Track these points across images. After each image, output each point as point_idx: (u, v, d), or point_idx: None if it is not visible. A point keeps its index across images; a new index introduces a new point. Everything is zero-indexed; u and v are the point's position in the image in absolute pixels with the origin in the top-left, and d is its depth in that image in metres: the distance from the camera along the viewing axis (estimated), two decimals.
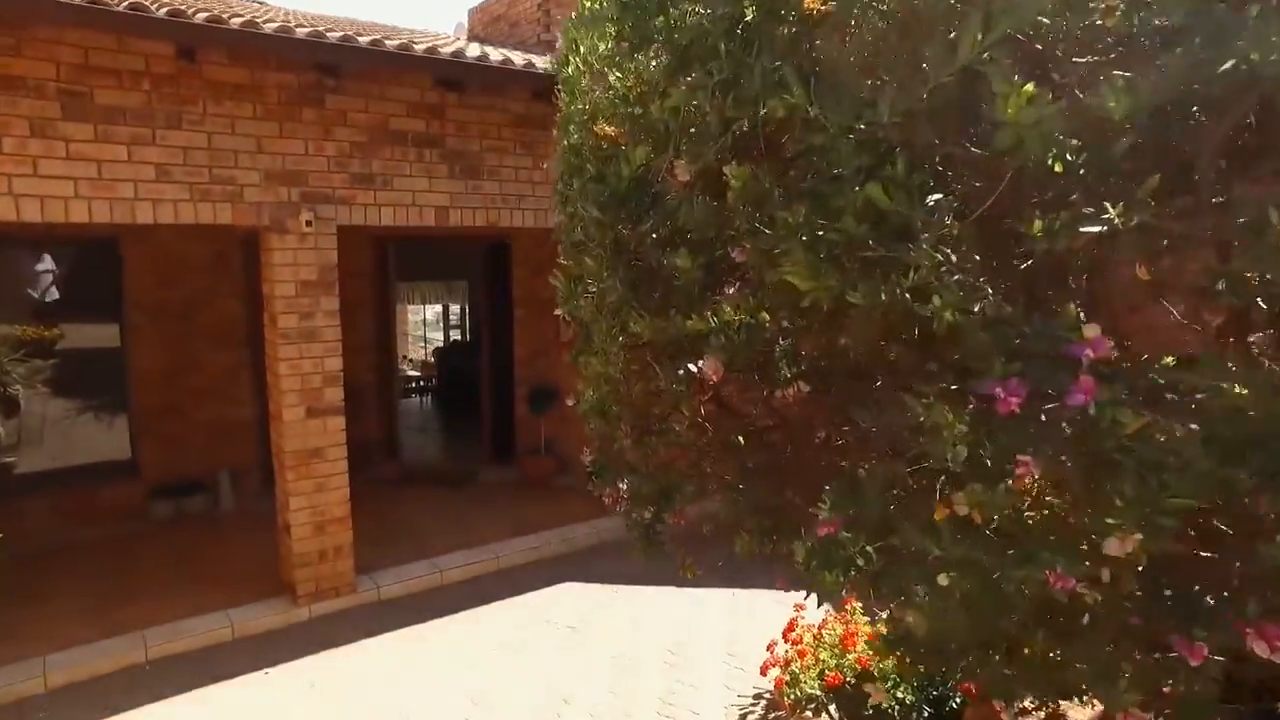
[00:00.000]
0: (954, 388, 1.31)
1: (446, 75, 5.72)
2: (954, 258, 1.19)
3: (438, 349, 14.79)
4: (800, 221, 1.25)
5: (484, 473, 8.89)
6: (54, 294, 7.79)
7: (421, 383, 14.77)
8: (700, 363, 1.51)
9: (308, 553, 5.59)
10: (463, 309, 21.85)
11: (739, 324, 1.48)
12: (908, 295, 1.20)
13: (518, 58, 6.30)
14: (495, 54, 6.23)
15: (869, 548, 1.32)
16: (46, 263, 7.75)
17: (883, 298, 1.22)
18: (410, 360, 17.99)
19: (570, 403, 2.62)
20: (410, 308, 24.03)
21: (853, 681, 3.70)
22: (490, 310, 8.91)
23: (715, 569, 2.76)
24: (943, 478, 1.29)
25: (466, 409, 12.08)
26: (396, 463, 9.10)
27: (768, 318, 1.50)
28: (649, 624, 5.42)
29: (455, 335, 18.99)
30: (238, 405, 7.90)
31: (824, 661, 3.80)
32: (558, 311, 2.51)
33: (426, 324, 24.37)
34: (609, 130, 1.68)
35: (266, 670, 4.92)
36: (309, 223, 5.34)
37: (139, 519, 7.34)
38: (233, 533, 7.08)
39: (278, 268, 5.34)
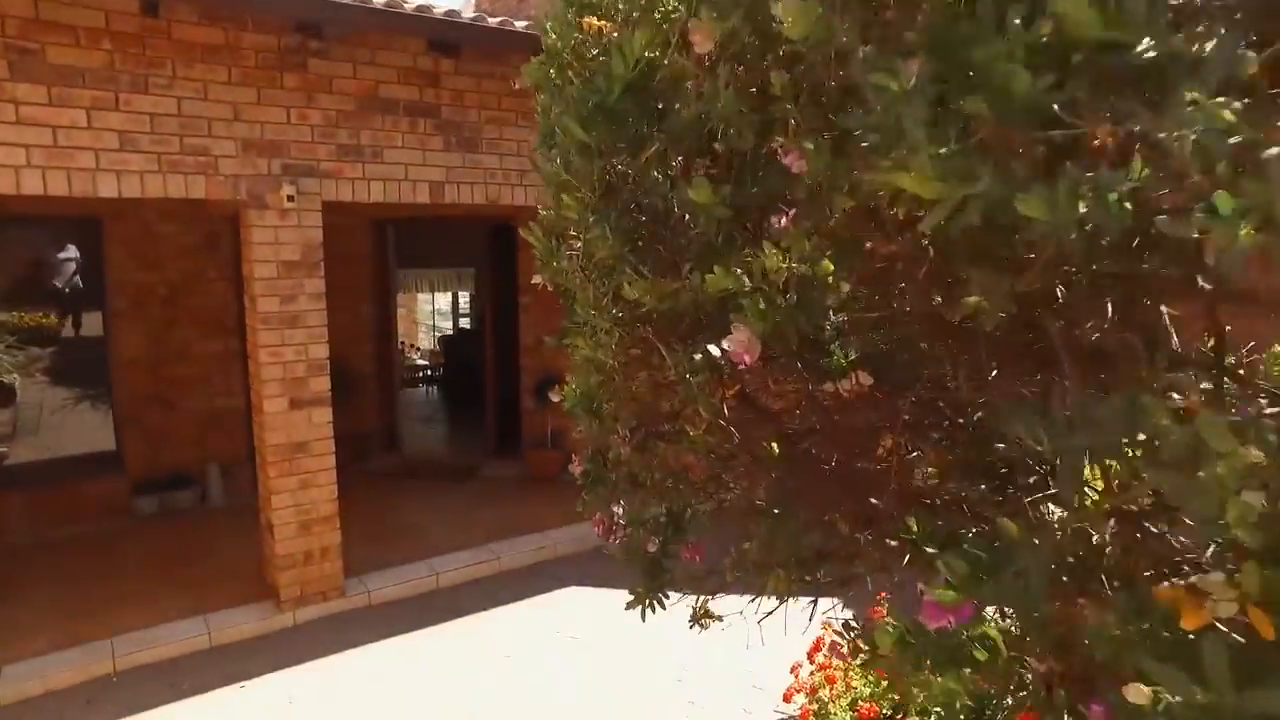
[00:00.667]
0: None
1: (441, 37, 5.26)
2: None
3: (443, 337, 14.36)
4: (917, 87, 0.72)
5: (487, 466, 8.46)
6: (77, 283, 7.44)
7: (430, 372, 14.38)
8: (725, 341, 1.03)
9: (292, 554, 5.17)
10: (472, 297, 21.54)
11: (787, 278, 1.01)
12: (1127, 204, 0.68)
13: (518, 22, 5.83)
14: (494, 19, 5.76)
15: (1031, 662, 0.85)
16: (70, 251, 7.37)
17: (1081, 207, 0.68)
18: (419, 350, 17.61)
19: (555, 398, 2.12)
20: (421, 296, 23.71)
21: (889, 713, 3.24)
22: (495, 296, 8.47)
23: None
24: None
25: (472, 400, 11.68)
26: (397, 455, 8.69)
27: (831, 269, 1.03)
28: (660, 636, 4.98)
29: (466, 325, 18.58)
30: (227, 395, 7.49)
31: (856, 690, 3.35)
32: (535, 279, 2.04)
33: (440, 314, 23.98)
34: (598, 24, 1.22)
35: (242, 684, 4.52)
36: (291, 198, 4.90)
37: (123, 515, 6.96)
38: (220, 530, 6.69)
39: (257, 246, 4.91)
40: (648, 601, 1.74)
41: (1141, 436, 0.71)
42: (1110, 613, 0.80)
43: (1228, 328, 0.99)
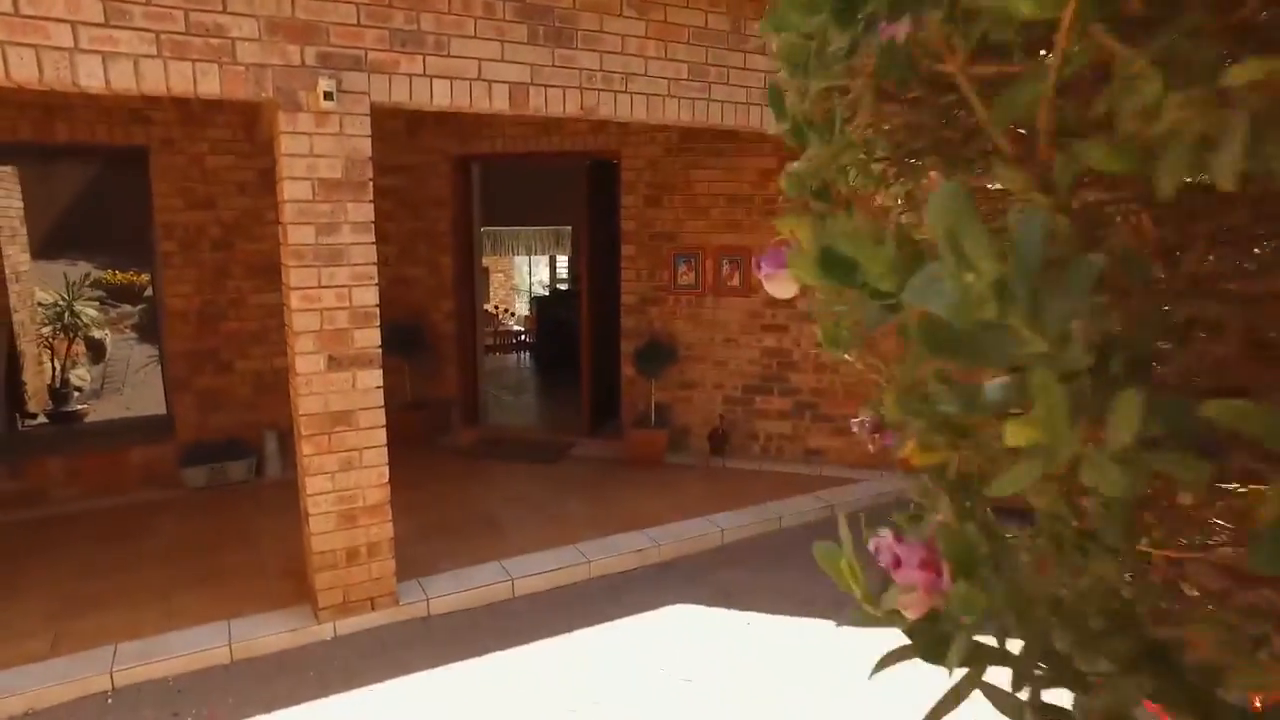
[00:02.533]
0: None
1: None
2: None
3: (535, 298, 13.25)
4: None
5: (580, 446, 7.32)
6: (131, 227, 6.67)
7: (524, 338, 13.40)
8: None
9: (331, 551, 4.13)
10: (571, 260, 20.47)
11: None
12: None
13: None
14: None
15: None
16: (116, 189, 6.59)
17: None
18: (513, 315, 16.77)
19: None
20: (518, 260, 22.88)
21: None
22: (591, 247, 7.27)
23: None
24: None
25: (565, 368, 10.59)
26: (475, 430, 7.65)
27: None
28: (801, 679, 3.70)
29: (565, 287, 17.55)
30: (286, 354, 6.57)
31: None
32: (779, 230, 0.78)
33: (541, 285, 23.09)
34: None
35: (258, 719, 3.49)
36: (329, 95, 3.78)
37: (170, 485, 6.14)
38: (271, 508, 5.77)
39: (287, 160, 3.82)
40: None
41: None
42: None
43: None
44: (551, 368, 11.00)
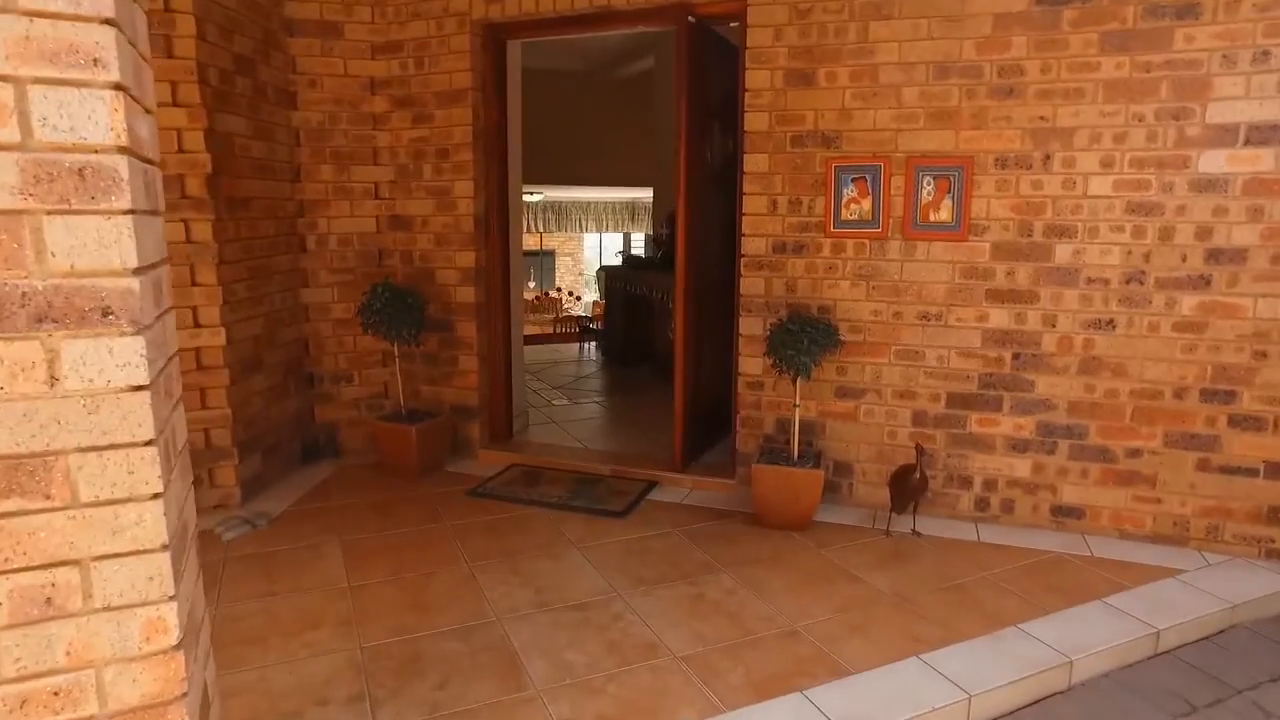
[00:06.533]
0: None
1: None
2: None
3: (602, 268, 10.33)
4: None
5: (668, 484, 4.58)
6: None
7: (589, 323, 10.74)
8: None
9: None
10: (647, 238, 17.44)
11: None
12: None
13: None
14: None
15: None
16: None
17: None
18: (578, 298, 14.26)
19: None
20: (585, 236, 20.22)
21: None
22: (689, 171, 4.49)
23: None
24: None
25: (644, 363, 7.85)
26: (506, 451, 4.99)
27: None
28: None
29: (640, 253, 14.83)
30: None
31: None
32: None
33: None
34: None
35: None
36: None
37: None
38: None
39: None
40: None
41: None
42: None
43: None
44: (624, 362, 8.28)
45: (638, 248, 18.07)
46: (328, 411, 5.00)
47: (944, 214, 3.87)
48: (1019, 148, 3.72)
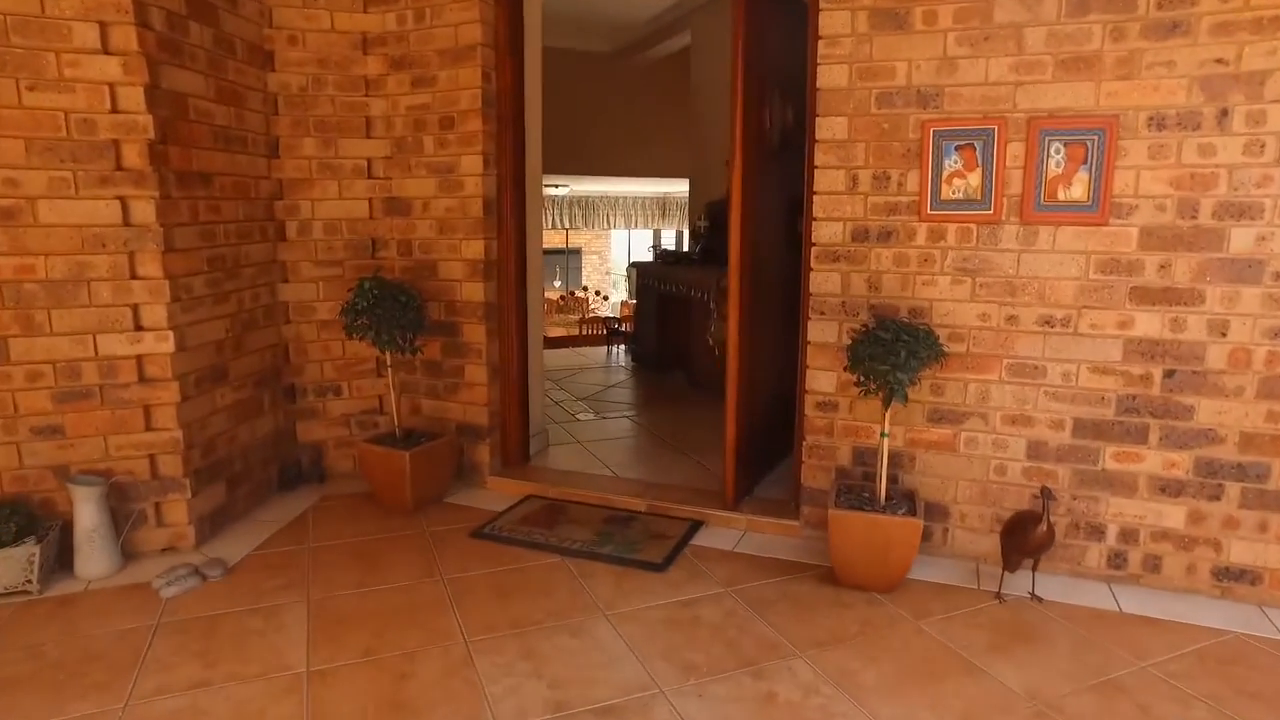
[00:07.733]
0: None
1: None
2: None
3: (634, 264, 9.46)
4: None
5: (715, 525, 3.75)
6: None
7: (618, 325, 9.92)
8: None
9: None
10: (678, 233, 16.55)
11: None
12: None
13: None
14: None
15: None
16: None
17: None
18: (605, 297, 13.48)
19: None
20: (613, 236, 19.37)
21: None
22: (746, 144, 3.65)
23: None
24: None
25: (681, 368, 7.02)
26: (520, 479, 4.19)
27: None
28: None
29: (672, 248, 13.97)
30: None
31: None
32: None
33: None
34: None
35: None
36: None
37: None
38: None
39: None
40: None
41: None
42: None
43: None
44: (656, 368, 7.46)
45: (668, 245, 17.25)
46: (312, 430, 4.24)
47: (1077, 191, 3.01)
48: (1183, 102, 2.85)
